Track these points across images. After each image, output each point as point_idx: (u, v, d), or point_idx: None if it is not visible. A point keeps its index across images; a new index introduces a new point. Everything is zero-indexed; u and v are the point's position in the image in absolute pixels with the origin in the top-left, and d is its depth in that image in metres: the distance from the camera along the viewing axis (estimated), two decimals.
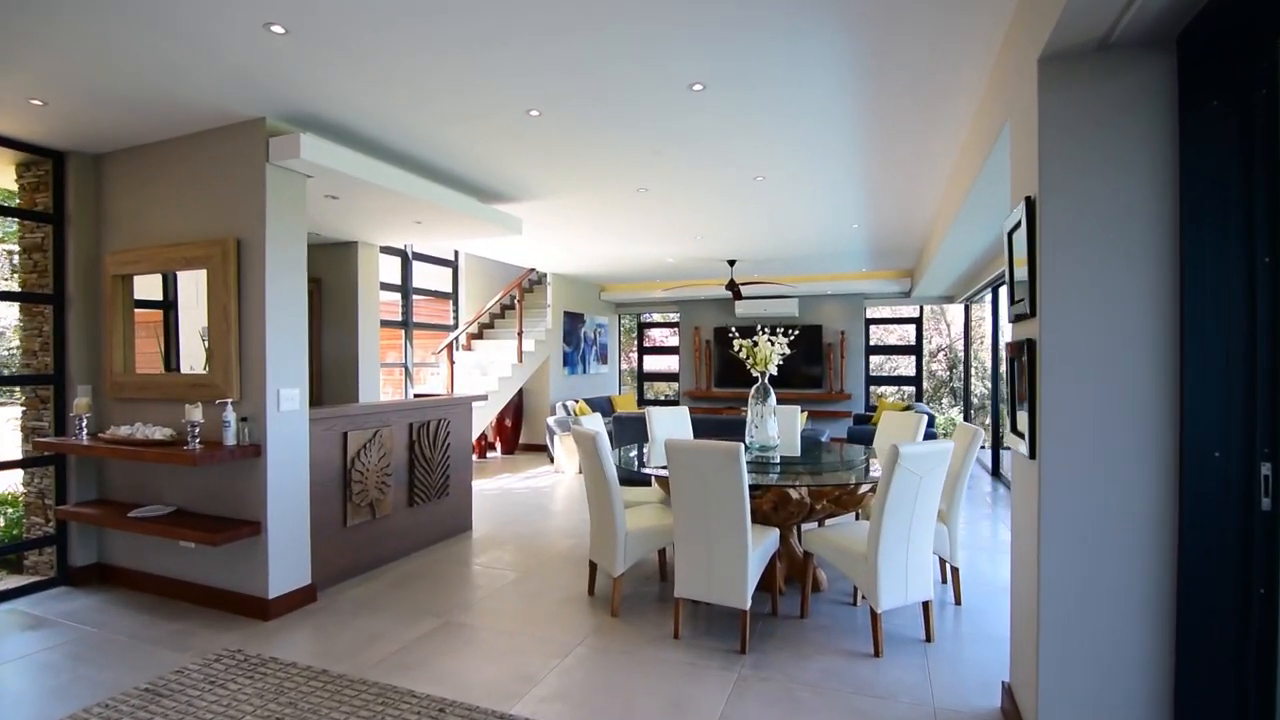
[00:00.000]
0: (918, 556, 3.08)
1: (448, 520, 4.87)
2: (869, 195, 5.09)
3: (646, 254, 7.79)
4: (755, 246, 7.30)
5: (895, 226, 6.27)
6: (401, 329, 8.11)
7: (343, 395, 5.65)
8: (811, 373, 10.24)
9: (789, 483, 3.43)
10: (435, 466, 4.69)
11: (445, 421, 4.78)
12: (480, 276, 9.36)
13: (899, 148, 3.96)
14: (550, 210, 5.54)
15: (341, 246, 5.67)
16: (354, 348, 5.61)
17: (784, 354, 4.11)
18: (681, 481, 3.07)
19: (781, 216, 5.77)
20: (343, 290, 5.67)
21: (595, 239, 6.84)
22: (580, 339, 10.09)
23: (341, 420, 3.93)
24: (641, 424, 6.76)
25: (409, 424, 4.46)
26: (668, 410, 5.06)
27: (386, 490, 4.25)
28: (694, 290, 10.34)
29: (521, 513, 5.74)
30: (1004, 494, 6.68)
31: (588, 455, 3.47)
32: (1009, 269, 2.48)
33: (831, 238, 6.77)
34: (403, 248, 8.09)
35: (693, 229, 6.33)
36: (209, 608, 3.56)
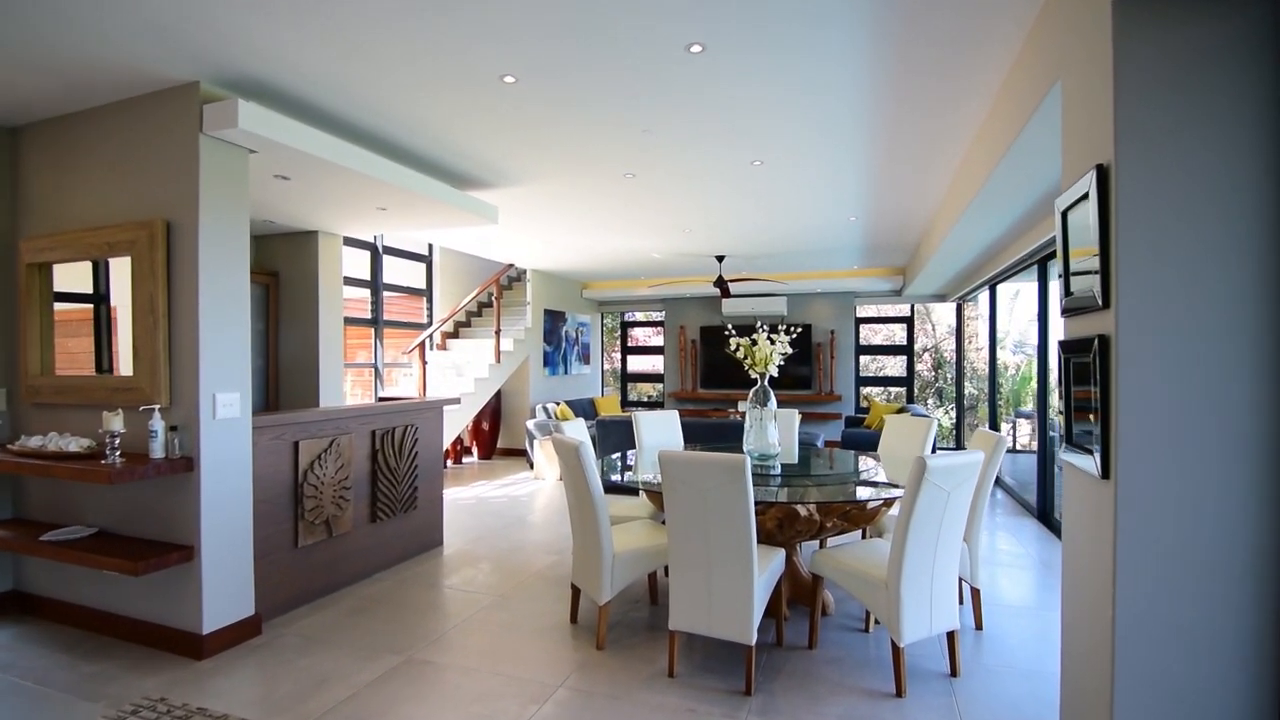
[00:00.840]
0: (943, 582, 2.73)
1: (416, 536, 4.45)
2: (871, 184, 4.76)
3: (632, 249, 7.40)
4: (747, 241, 6.95)
5: (894, 220, 5.96)
6: (371, 327, 7.64)
7: (303, 399, 5.20)
8: (800, 373, 9.93)
9: (797, 498, 3.07)
10: (401, 478, 4.26)
11: (413, 428, 4.35)
12: (456, 273, 8.91)
13: (912, 128, 3.62)
14: (529, 198, 5.13)
15: (300, 237, 5.21)
16: (314, 347, 5.16)
17: (785, 353, 3.75)
18: (677, 499, 2.69)
19: (777, 208, 5.42)
20: (302, 284, 5.21)
21: (578, 231, 6.44)
22: (561, 338, 9.68)
23: (292, 428, 3.49)
24: (626, 428, 6.38)
25: (371, 431, 4.03)
26: (656, 414, 4.68)
27: (345, 505, 3.81)
28: (680, 288, 9.98)
29: (498, 525, 5.33)
30: (1003, 499, 6.40)
31: (570, 468, 3.07)
32: (1062, 253, 2.13)
33: (826, 232, 6.44)
34: (372, 240, 7.62)
35: (682, 222, 5.96)
36: (138, 644, 3.11)
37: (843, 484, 3.41)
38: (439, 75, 2.94)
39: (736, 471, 2.53)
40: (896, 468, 3.80)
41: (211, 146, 3.01)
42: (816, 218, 5.78)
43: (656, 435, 4.60)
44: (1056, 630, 3.27)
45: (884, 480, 3.48)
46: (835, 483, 3.45)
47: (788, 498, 3.06)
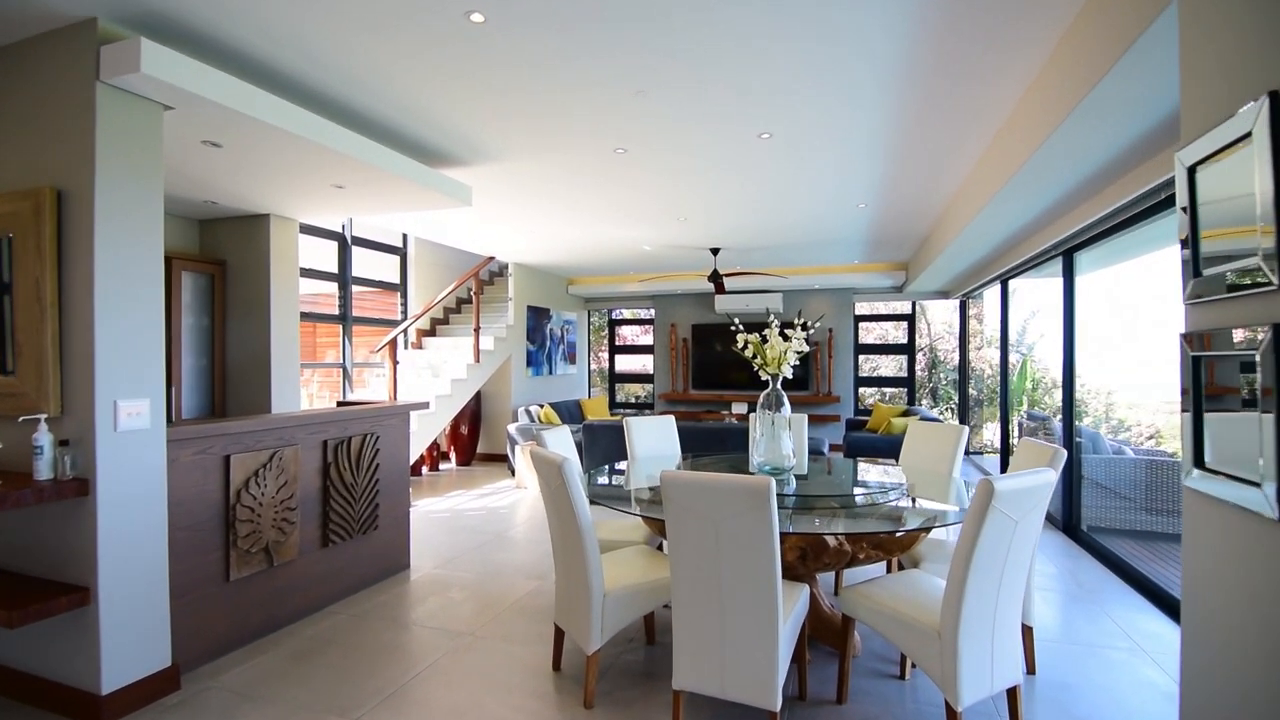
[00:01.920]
0: (1006, 629, 2.25)
1: (377, 560, 3.91)
2: (889, 166, 4.29)
3: (622, 240, 6.89)
4: (745, 232, 6.46)
5: (906, 209, 5.50)
6: (340, 324, 7.07)
7: (254, 403, 4.63)
8: (796, 373, 9.46)
9: (823, 524, 2.57)
10: (360, 494, 3.72)
11: (373, 437, 3.81)
12: (433, 267, 8.34)
13: (950, 91, 3.15)
14: (508, 178, 4.60)
15: (250, 221, 4.64)
16: (266, 345, 4.59)
17: (801, 352, 3.26)
18: (684, 530, 2.19)
19: (782, 191, 4.94)
20: (253, 274, 4.64)
21: (563, 219, 5.91)
22: (546, 336, 9.15)
23: (221, 440, 2.94)
24: (616, 434, 5.87)
25: (323, 442, 3.49)
26: (651, 420, 4.17)
27: (289, 529, 3.27)
28: (671, 283, 9.48)
29: (474, 542, 4.79)
30: None
31: (552, 489, 2.56)
32: (1190, 222, 1.65)
33: (832, 221, 5.97)
34: (340, 230, 7.05)
35: (678, 208, 5.45)
36: (28, 704, 2.55)
37: (873, 505, 2.92)
38: (395, 11, 2.41)
39: (758, 499, 2.03)
40: (924, 482, 3.32)
41: (112, 99, 2.46)
42: (823, 204, 5.30)
43: (651, 443, 4.10)
44: (1119, 674, 2.82)
45: (918, 499, 3.00)
46: (866, 504, 2.95)
47: (817, 529, 2.56)
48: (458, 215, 5.72)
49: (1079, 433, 5.11)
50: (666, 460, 4.01)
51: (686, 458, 4.07)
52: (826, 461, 4.33)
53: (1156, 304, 5.36)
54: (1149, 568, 4.06)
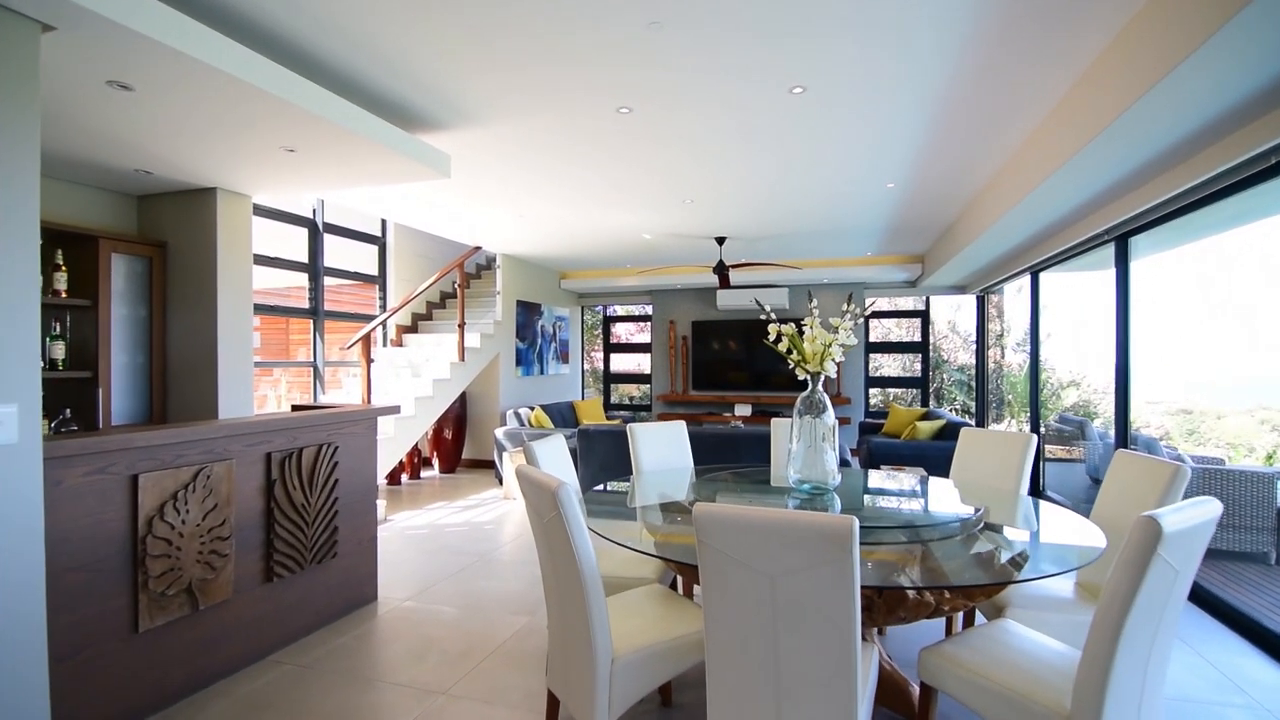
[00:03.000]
0: (1152, 708, 1.69)
1: (336, 593, 3.30)
2: (930, 137, 3.73)
3: (619, 227, 6.31)
4: (754, 218, 5.90)
5: (938, 191, 4.94)
6: (310, 319, 6.44)
7: (198, 408, 4.01)
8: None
9: (899, 567, 2.00)
10: (314, 516, 3.12)
11: (330, 448, 3.20)
12: (416, 258, 7.73)
13: (1009, 65, 2.59)
14: (493, 146, 4.00)
15: (193, 197, 4.02)
16: (212, 340, 3.97)
17: (848, 345, 2.68)
18: (725, 584, 1.61)
19: (805, 164, 4.37)
20: (196, 258, 4.02)
21: (555, 200, 5.32)
22: (536, 333, 8.54)
23: (124, 456, 2.33)
24: (615, 440, 5.28)
25: (265, 455, 2.88)
26: (659, 428, 3.59)
27: (221, 563, 2.66)
28: (671, 278, 8.91)
29: (454, 566, 4.19)
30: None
31: (547, 523, 1.97)
32: None
33: (853, 204, 5.41)
34: (310, 215, 6.43)
35: (684, 188, 4.87)
36: None
37: (949, 536, 2.34)
38: None
39: (837, 547, 1.45)
40: (988, 501, 2.76)
41: None
42: (849, 182, 4.74)
43: (659, 454, 3.52)
44: None
45: (994, 527, 2.44)
46: (942, 535, 2.37)
47: (890, 568, 1.98)
48: (437, 193, 5.11)
49: (1134, 440, 4.58)
50: (677, 474, 3.43)
51: (702, 475, 3.49)
52: (861, 475, 3.77)
53: (1231, 290, 4.85)
54: (1236, 597, 3.52)
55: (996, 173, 4.53)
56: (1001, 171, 4.45)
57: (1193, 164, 3.30)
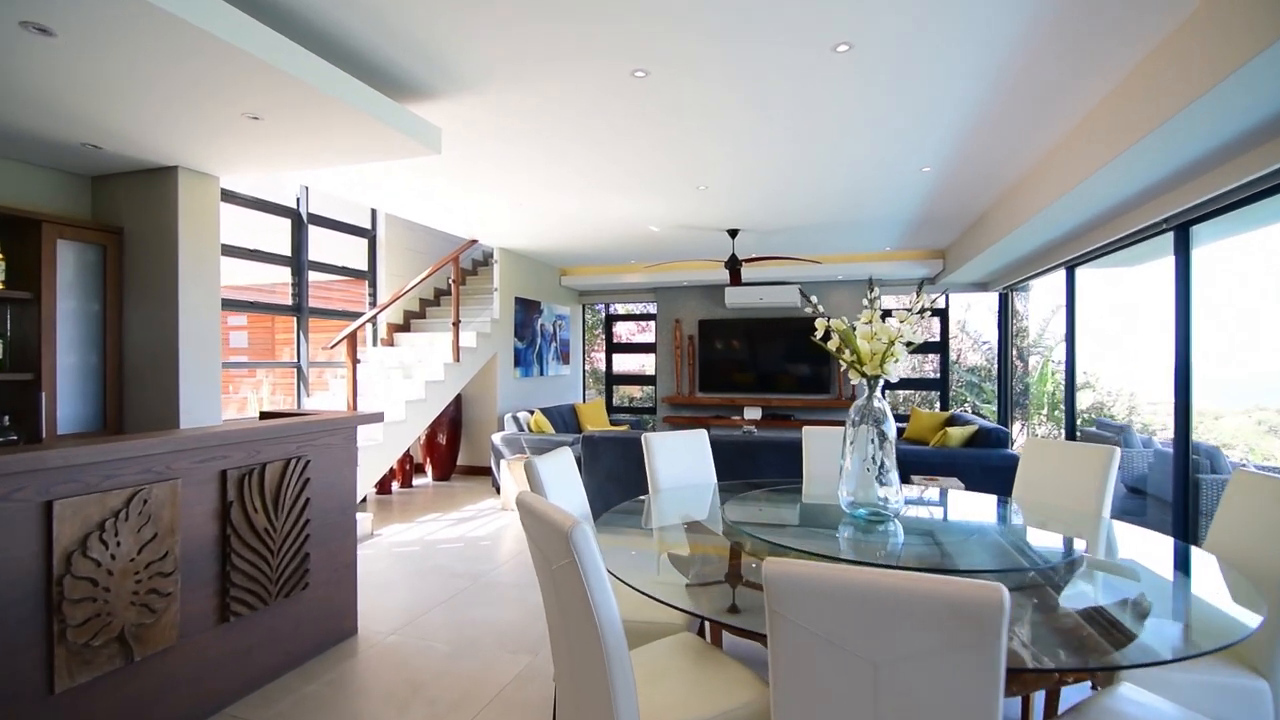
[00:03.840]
0: None
1: (308, 630, 2.86)
2: (981, 110, 3.31)
3: (625, 218, 5.88)
4: (771, 207, 5.47)
5: (976, 176, 4.52)
6: (294, 316, 6.01)
7: (157, 414, 3.57)
8: (814, 374, 8.50)
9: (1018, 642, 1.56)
10: (281, 543, 2.68)
11: (300, 462, 2.77)
12: (409, 253, 7.29)
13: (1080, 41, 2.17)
14: (489, 119, 3.58)
15: (152, 177, 3.58)
16: (173, 339, 3.53)
17: (912, 344, 2.26)
18: (806, 668, 1.18)
19: (835, 141, 3.94)
20: (156, 246, 3.58)
21: (557, 186, 4.89)
22: (536, 333, 8.11)
23: (34, 479, 1.89)
24: (622, 449, 4.83)
25: (220, 473, 2.44)
26: (677, 438, 3.16)
27: (162, 603, 2.22)
28: (677, 274, 8.48)
29: (446, 590, 3.75)
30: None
31: (557, 572, 1.53)
32: None
33: (882, 191, 4.99)
34: (294, 205, 5.99)
35: (698, 171, 4.45)
36: None
37: (1055, 583, 1.90)
38: None
39: (978, 627, 1.02)
40: (1069, 527, 2.34)
41: None
42: (880, 165, 4.31)
43: (679, 468, 3.09)
44: None
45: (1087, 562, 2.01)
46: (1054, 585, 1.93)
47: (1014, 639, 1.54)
48: (428, 177, 4.68)
49: (1196, 449, 4.16)
50: (699, 491, 3.01)
51: (725, 491, 3.06)
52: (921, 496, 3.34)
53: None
54: None
55: (1046, 155, 4.11)
56: (1052, 153, 4.04)
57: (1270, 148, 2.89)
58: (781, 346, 8.65)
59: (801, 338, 8.50)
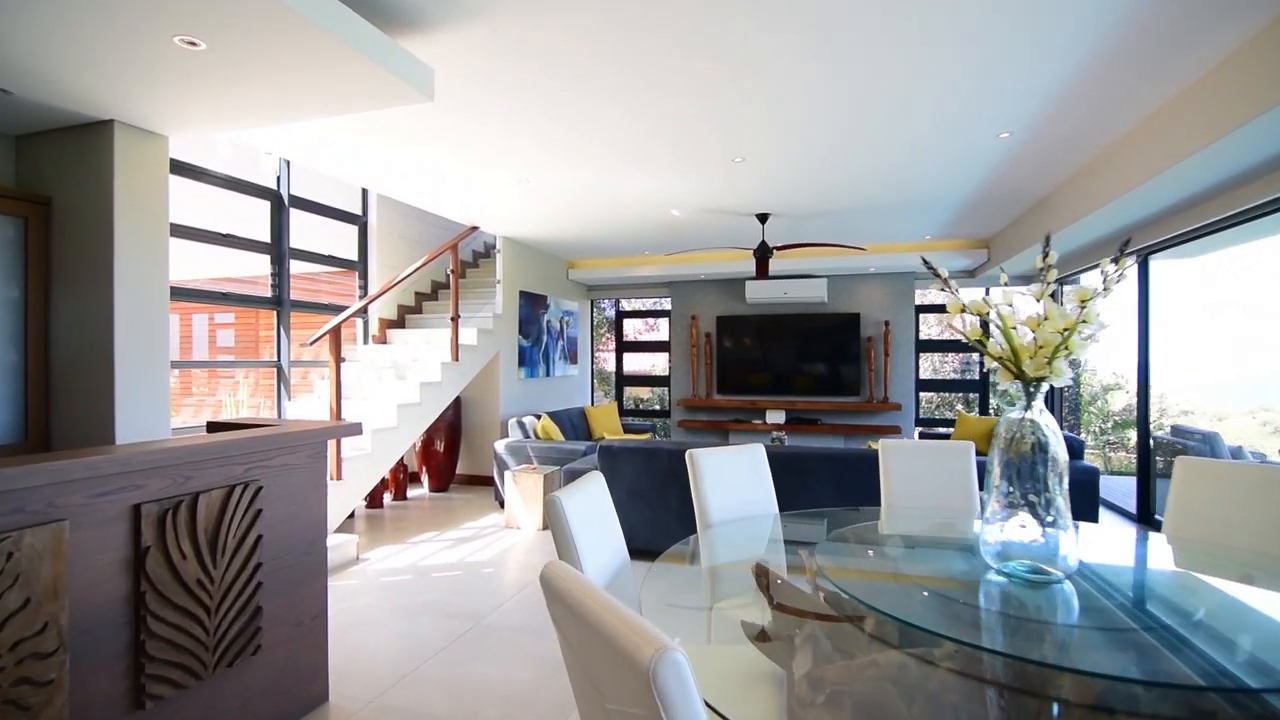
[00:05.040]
0: None
1: (260, 705, 2.22)
2: (1089, 62, 2.67)
3: (645, 198, 5.24)
4: (811, 184, 4.84)
5: (1062, 145, 3.88)
6: (274, 309, 5.38)
7: (89, 425, 2.93)
8: (843, 375, 7.86)
9: None
10: (221, 597, 2.04)
11: (250, 490, 2.13)
12: (404, 241, 6.66)
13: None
14: (491, 63, 2.94)
15: (84, 135, 2.95)
16: (107, 333, 2.90)
17: (1093, 339, 1.62)
18: None
19: (898, 99, 3.31)
20: (89, 218, 2.95)
21: (570, 155, 4.26)
22: (542, 330, 7.47)
23: None
24: (646, 461, 4.16)
25: (132, 508, 1.81)
26: (730, 456, 2.53)
27: (40, 695, 1.59)
28: (695, 267, 7.84)
29: (442, 636, 3.12)
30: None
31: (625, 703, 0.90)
32: None
33: (943, 163, 4.35)
34: (274, 186, 5.36)
35: (737, 135, 3.81)
36: None
37: None
38: None
39: None
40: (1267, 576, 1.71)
41: None
42: (948, 129, 3.67)
43: (735, 494, 2.45)
44: None
45: None
46: None
47: None
48: (422, 145, 4.05)
49: None
50: (760, 525, 2.38)
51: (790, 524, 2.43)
52: None
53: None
54: None
55: (1145, 121, 3.47)
56: (1154, 118, 3.40)
57: None
58: (807, 345, 8.01)
59: (829, 335, 7.88)
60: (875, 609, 1.52)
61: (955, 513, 2.57)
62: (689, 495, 3.95)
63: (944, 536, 2.34)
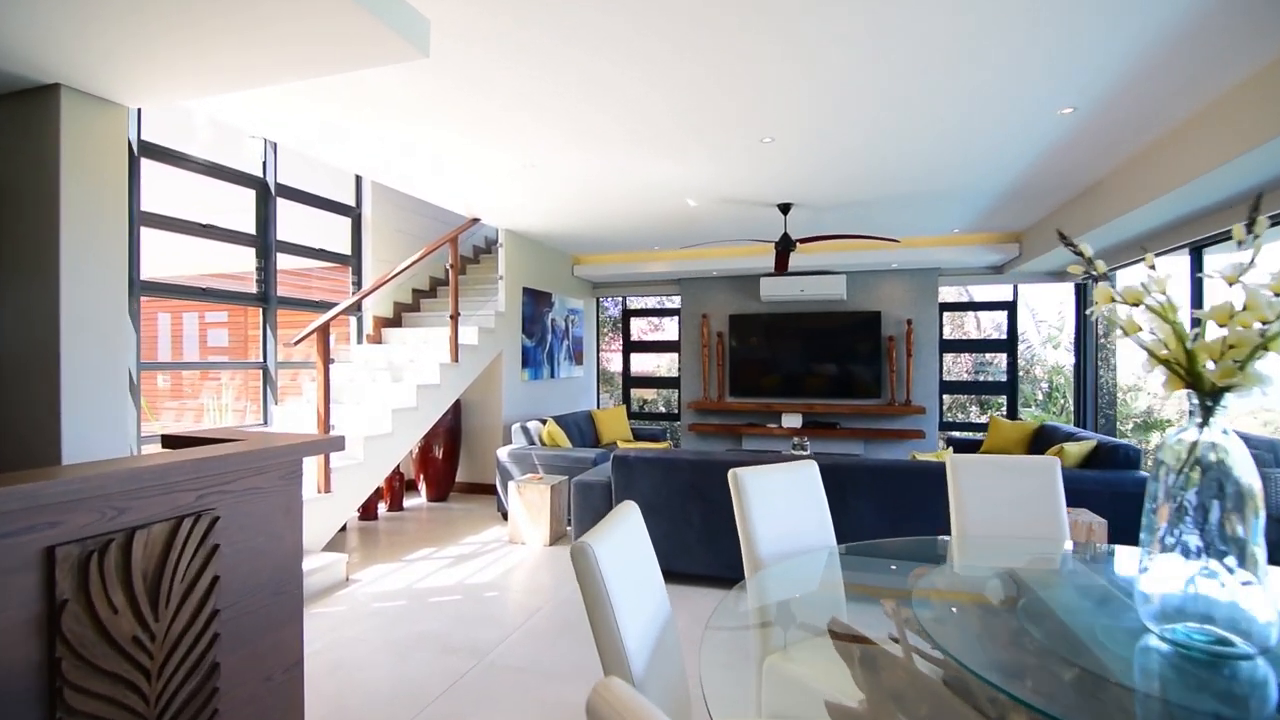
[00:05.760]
0: None
1: None
2: (1185, 19, 2.30)
3: (659, 186, 4.86)
4: (840, 169, 4.46)
5: (1128, 122, 3.49)
6: (260, 307, 5.01)
7: (34, 443, 2.55)
8: (863, 377, 7.47)
9: None
10: (166, 656, 1.66)
11: (202, 523, 1.74)
12: (401, 236, 6.28)
13: None
14: (500, 22, 2.56)
15: (26, 102, 2.56)
16: (52, 332, 2.51)
17: None
18: None
19: (959, 68, 2.92)
20: (30, 199, 2.56)
21: (583, 135, 3.88)
22: (546, 329, 7.09)
23: None
24: (665, 473, 3.74)
25: (43, 552, 1.42)
26: (779, 475, 2.14)
27: None
28: (706, 263, 7.46)
29: (439, 678, 2.73)
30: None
31: None
32: None
33: (989, 143, 3.96)
34: (260, 174, 4.98)
35: (768, 111, 3.43)
36: None
37: None
38: None
39: None
40: None
41: None
42: (1011, 103, 3.29)
43: (785, 522, 2.07)
44: None
45: None
46: None
47: None
48: (420, 123, 3.67)
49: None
50: (817, 561, 2.00)
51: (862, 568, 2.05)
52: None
53: None
54: None
55: (1223, 97, 3.09)
56: (1236, 90, 3.01)
57: None
58: (824, 345, 7.62)
59: (848, 334, 7.49)
60: (1019, 699, 1.13)
61: (1046, 543, 2.18)
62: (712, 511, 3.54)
63: (1055, 578, 1.96)
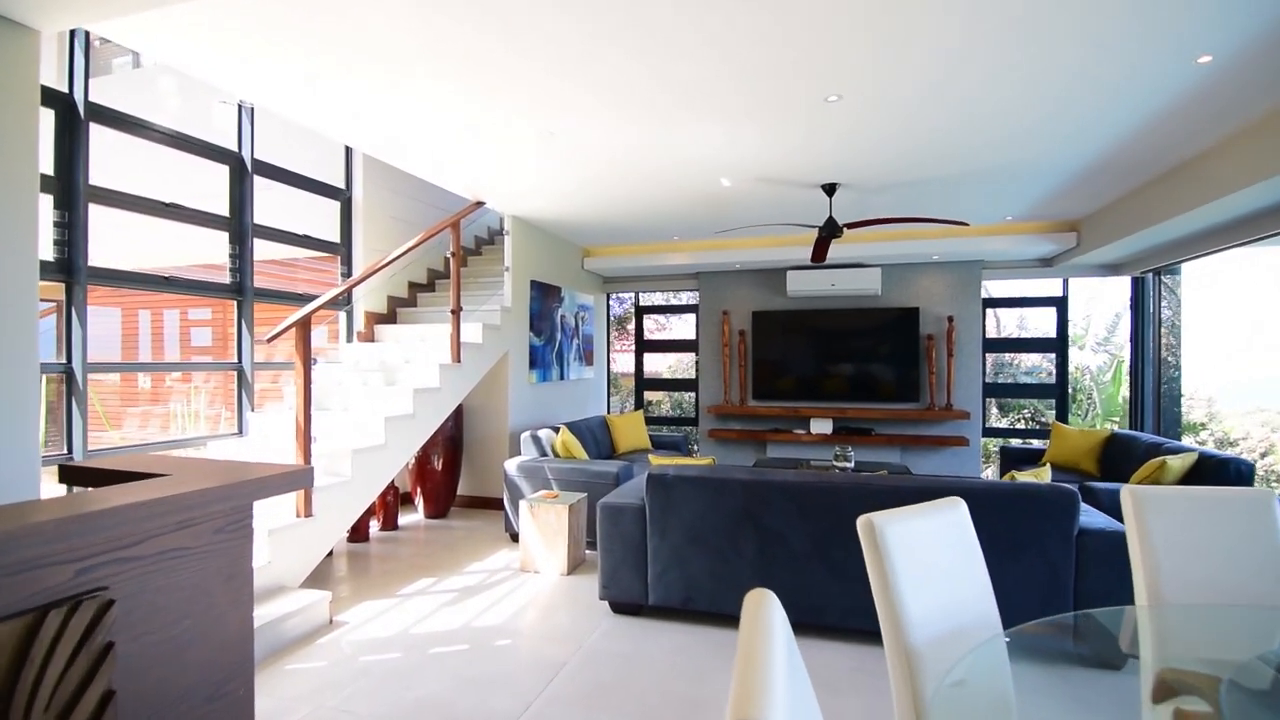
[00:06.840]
0: None
1: None
2: None
3: (693, 162, 4.25)
4: (901, 143, 3.86)
5: (1271, 63, 2.90)
6: (234, 299, 4.39)
7: None
8: (899, 378, 6.88)
9: None
10: None
11: (89, 611, 1.13)
12: (393, 222, 5.67)
13: None
14: None
15: None
16: None
17: None
18: None
19: (1079, 11, 2.32)
20: None
21: (618, 93, 3.26)
22: (555, 326, 6.48)
23: None
24: (717, 497, 3.05)
25: None
26: (925, 524, 1.52)
27: None
28: (726, 254, 6.84)
29: None
30: None
31: None
32: None
33: (1095, 104, 3.37)
34: (234, 147, 4.36)
35: (834, 65, 2.82)
36: None
37: None
38: None
39: None
40: None
41: None
42: (1141, 45, 2.69)
43: (940, 588, 1.46)
44: None
45: None
46: None
47: None
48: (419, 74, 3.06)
49: None
50: (988, 651, 1.39)
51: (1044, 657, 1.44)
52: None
53: None
54: None
55: None
56: None
57: None
58: (857, 343, 7.03)
59: (883, 332, 6.90)
60: None
61: (1272, 611, 1.59)
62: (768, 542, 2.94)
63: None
